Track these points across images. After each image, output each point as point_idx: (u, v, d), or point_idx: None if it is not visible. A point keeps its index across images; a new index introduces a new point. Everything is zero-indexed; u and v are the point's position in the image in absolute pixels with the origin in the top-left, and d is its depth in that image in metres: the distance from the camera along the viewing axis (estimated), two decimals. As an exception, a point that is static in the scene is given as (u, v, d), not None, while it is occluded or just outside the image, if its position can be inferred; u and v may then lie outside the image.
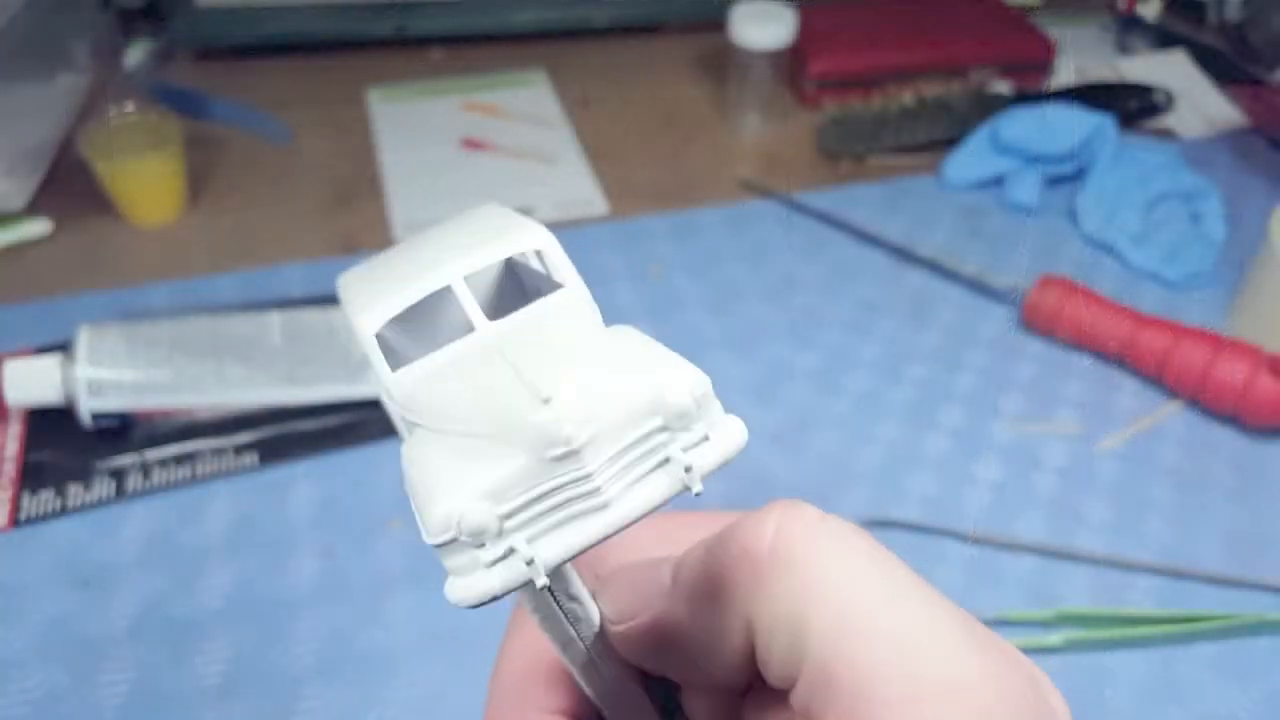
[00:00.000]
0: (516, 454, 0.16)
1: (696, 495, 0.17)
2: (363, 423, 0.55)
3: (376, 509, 0.51)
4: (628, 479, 0.17)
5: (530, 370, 0.17)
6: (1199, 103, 0.86)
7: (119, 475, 0.52)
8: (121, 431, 0.53)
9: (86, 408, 0.51)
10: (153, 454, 0.53)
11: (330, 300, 0.61)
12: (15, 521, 0.49)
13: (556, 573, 0.18)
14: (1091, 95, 0.80)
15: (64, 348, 0.53)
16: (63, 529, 0.49)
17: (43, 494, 0.51)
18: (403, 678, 0.44)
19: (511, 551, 0.17)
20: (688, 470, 0.17)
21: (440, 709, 0.44)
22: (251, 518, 0.51)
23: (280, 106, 0.80)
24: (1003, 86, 0.84)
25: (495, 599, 0.17)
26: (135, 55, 0.84)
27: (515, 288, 0.22)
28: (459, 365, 0.18)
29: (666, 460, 0.17)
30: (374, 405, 0.55)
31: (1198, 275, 0.69)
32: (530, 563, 0.17)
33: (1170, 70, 0.89)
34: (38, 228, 0.67)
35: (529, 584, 0.17)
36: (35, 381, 0.51)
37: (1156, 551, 0.51)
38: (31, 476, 0.51)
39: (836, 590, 0.18)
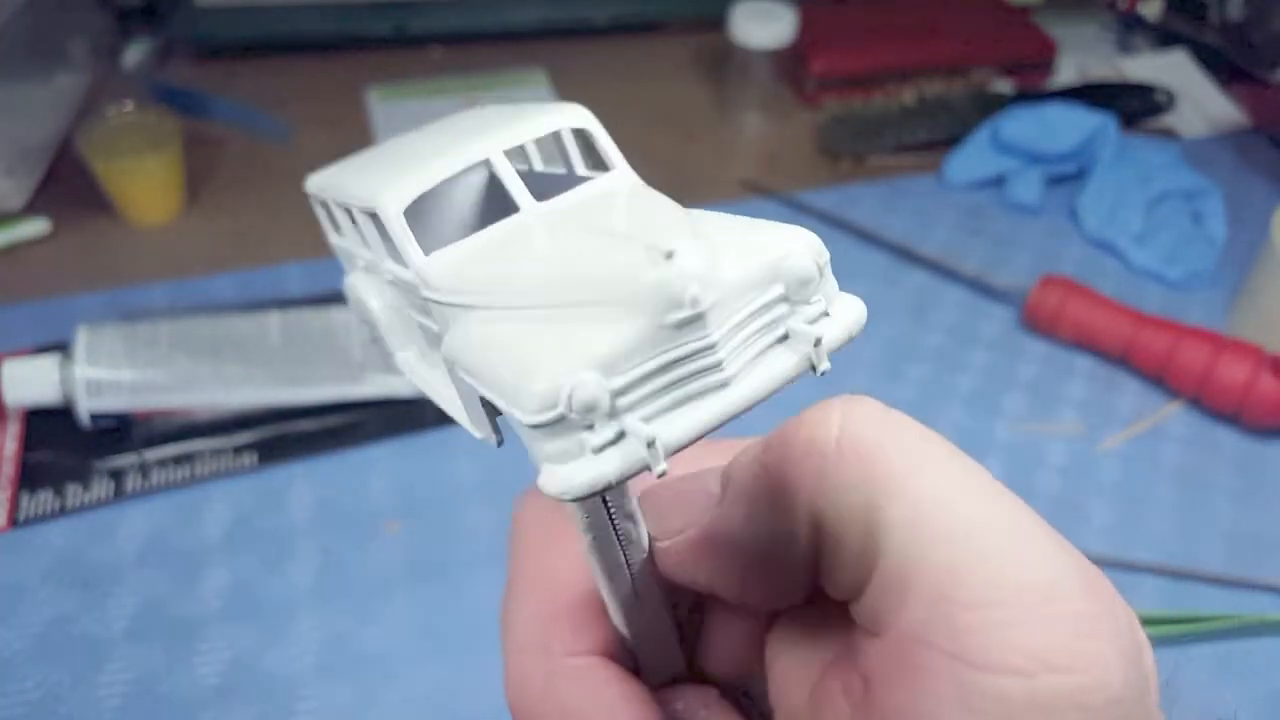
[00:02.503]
0: (632, 318, 0.14)
1: (821, 375, 0.15)
2: (361, 423, 0.55)
3: (375, 509, 0.51)
4: (750, 353, 0.15)
5: (637, 229, 0.14)
6: (1200, 102, 0.86)
7: (118, 475, 0.52)
8: (120, 432, 0.53)
9: (85, 408, 0.51)
10: (151, 454, 0.53)
11: (330, 300, 0.61)
12: (14, 522, 0.49)
13: (619, 488, 0.16)
14: (1093, 94, 0.80)
15: (62, 348, 0.53)
16: (61, 529, 0.49)
17: (41, 494, 0.51)
18: (401, 678, 0.44)
19: (622, 435, 0.14)
20: (816, 344, 0.15)
21: (439, 709, 0.44)
22: (250, 518, 0.50)
23: (279, 105, 0.80)
24: (1004, 85, 0.84)
25: (609, 488, 0.14)
26: (134, 54, 0.83)
27: (553, 173, 0.19)
28: (514, 242, 0.16)
29: (786, 336, 0.15)
30: (372, 405, 0.55)
31: (1199, 275, 0.68)
32: (651, 444, 0.14)
33: (1171, 70, 0.89)
34: (36, 227, 0.67)
35: (609, 487, 0.14)
36: (34, 381, 0.51)
37: (1158, 552, 0.51)
38: (30, 477, 0.51)
39: (913, 481, 0.16)
